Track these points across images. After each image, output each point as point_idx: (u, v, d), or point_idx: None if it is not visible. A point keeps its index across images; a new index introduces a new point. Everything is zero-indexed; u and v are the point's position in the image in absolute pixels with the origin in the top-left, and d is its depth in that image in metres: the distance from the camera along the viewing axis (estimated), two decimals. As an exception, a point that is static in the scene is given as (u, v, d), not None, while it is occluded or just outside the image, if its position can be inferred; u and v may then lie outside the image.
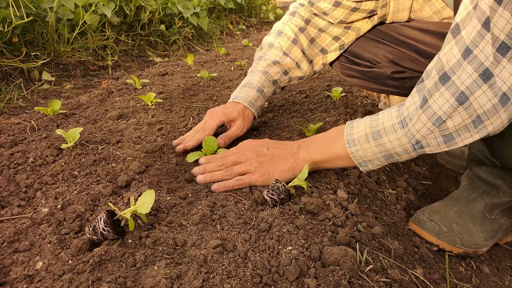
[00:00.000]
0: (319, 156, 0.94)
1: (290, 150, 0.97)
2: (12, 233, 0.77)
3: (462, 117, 0.70)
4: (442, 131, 0.73)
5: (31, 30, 2.03)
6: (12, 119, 1.39)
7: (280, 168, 0.94)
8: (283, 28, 1.27)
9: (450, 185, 1.30)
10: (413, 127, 0.77)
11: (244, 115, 1.21)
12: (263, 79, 1.25)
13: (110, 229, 0.72)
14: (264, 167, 0.94)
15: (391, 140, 0.81)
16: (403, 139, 0.80)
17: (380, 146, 0.83)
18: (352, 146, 0.87)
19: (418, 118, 0.75)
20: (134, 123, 1.32)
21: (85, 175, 0.98)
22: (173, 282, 0.65)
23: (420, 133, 0.76)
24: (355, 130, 0.88)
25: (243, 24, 4.53)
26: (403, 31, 1.17)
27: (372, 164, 0.88)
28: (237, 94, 1.24)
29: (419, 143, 0.78)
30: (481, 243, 0.97)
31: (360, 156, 0.87)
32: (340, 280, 0.67)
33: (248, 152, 0.97)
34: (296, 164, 0.94)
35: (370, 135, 0.84)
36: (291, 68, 1.28)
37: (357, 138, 0.86)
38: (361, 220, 0.88)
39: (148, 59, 2.75)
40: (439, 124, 0.72)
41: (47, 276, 0.66)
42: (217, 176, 0.95)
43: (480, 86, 0.65)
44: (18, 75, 1.89)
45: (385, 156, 0.84)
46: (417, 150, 0.80)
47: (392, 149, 0.82)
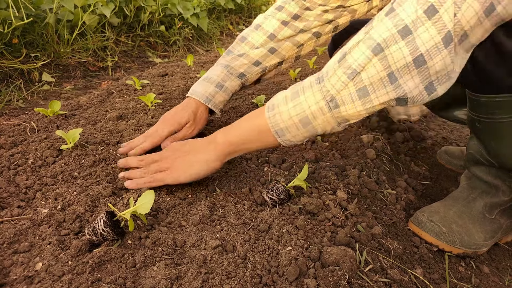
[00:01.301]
0: (236, 138, 0.88)
1: (205, 140, 0.93)
2: (12, 234, 0.77)
3: (376, 68, 0.67)
4: (357, 84, 0.70)
5: (31, 31, 2.04)
6: (12, 120, 1.39)
7: (190, 161, 0.90)
8: (262, 22, 1.21)
9: (450, 185, 1.30)
10: (328, 81, 0.73)
11: (196, 116, 1.17)
12: (224, 73, 1.20)
13: (109, 230, 0.72)
14: (176, 164, 0.91)
15: (307, 97, 0.76)
16: (317, 94, 0.75)
17: (296, 107, 0.78)
18: (270, 111, 0.81)
19: (334, 71, 0.72)
20: (134, 124, 1.32)
21: (85, 176, 0.98)
22: (173, 283, 0.65)
23: (335, 88, 0.72)
24: (277, 96, 0.83)
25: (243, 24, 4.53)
26: None
27: (290, 133, 0.81)
28: (195, 89, 1.20)
29: (333, 100, 0.73)
30: (480, 243, 0.97)
31: (276, 122, 0.80)
32: (339, 280, 0.67)
33: (168, 150, 0.95)
34: (211, 150, 0.90)
35: (289, 96, 0.80)
36: (263, 56, 1.21)
37: (277, 102, 0.81)
38: (361, 220, 0.88)
39: (148, 59, 2.75)
40: (353, 77, 0.70)
41: (46, 277, 0.67)
42: (134, 174, 0.93)
43: (397, 41, 0.64)
44: (18, 76, 1.89)
45: (301, 121, 0.78)
46: (332, 110, 0.75)
47: (307, 109, 0.76)
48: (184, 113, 1.16)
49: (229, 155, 0.91)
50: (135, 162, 0.96)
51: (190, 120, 1.16)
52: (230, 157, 0.92)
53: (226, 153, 0.90)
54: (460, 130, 1.78)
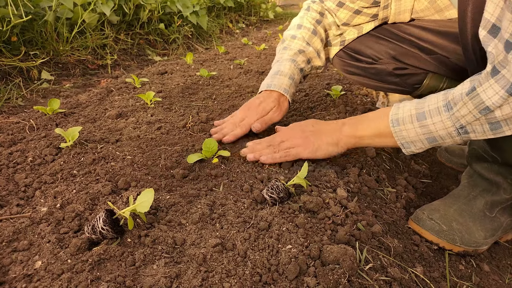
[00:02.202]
0: (362, 132, 0.96)
1: (334, 126, 1.02)
2: (11, 233, 0.77)
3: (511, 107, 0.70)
4: (489, 119, 0.73)
5: (30, 29, 2.03)
6: (11, 118, 1.38)
7: (325, 140, 0.99)
8: (302, 22, 1.32)
9: (450, 183, 1.29)
10: (458, 112, 0.77)
11: (280, 102, 1.26)
12: (293, 67, 1.28)
13: (109, 228, 0.72)
14: (309, 140, 1.00)
15: (435, 122, 0.81)
16: (447, 122, 0.79)
17: (423, 128, 0.83)
18: (396, 126, 0.88)
19: (463, 104, 0.75)
20: (133, 122, 1.32)
21: (84, 174, 0.98)
22: (172, 281, 0.65)
23: (465, 119, 0.76)
24: (400, 110, 0.88)
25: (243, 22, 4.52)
26: (405, 29, 1.17)
27: (415, 146, 0.88)
28: (270, 82, 1.26)
29: (463, 128, 0.78)
30: (481, 241, 0.97)
31: (403, 136, 0.88)
32: (339, 279, 0.66)
33: (293, 130, 1.05)
34: (340, 138, 0.99)
35: (415, 116, 0.84)
36: (313, 57, 1.32)
37: (402, 118, 0.87)
38: (361, 219, 0.88)
39: (148, 58, 2.74)
40: (486, 113, 0.72)
41: (46, 275, 0.66)
42: (266, 151, 1.03)
43: None
44: (17, 74, 1.89)
45: (429, 139, 0.84)
46: (461, 135, 0.79)
47: (435, 132, 0.82)
48: (269, 101, 1.25)
49: (353, 145, 1.01)
50: (264, 146, 1.05)
51: (275, 106, 1.25)
52: (354, 147, 1.03)
53: (351, 144, 1.00)
54: (460, 128, 1.78)
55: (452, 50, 1.11)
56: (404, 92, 1.29)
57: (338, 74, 2.16)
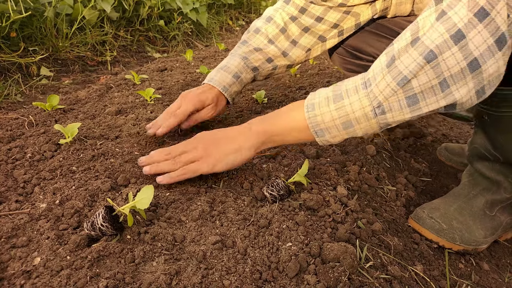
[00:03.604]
0: (272, 127, 0.87)
1: (240, 128, 0.91)
2: (9, 229, 0.76)
3: (428, 76, 0.66)
4: (406, 91, 0.69)
5: (29, 25, 2.02)
6: (10, 114, 1.38)
7: (224, 150, 0.88)
8: (273, 15, 1.23)
9: (450, 182, 1.29)
10: (376, 87, 0.72)
11: (218, 101, 1.21)
12: (241, 65, 1.22)
13: (108, 225, 0.72)
14: (209, 151, 0.88)
15: (352, 102, 0.75)
16: (364, 100, 0.74)
17: (339, 110, 0.77)
18: (310, 111, 0.80)
19: (382, 77, 0.71)
20: (133, 119, 1.32)
21: (84, 171, 0.98)
22: (172, 278, 0.65)
23: (383, 94, 0.71)
24: (316, 95, 0.82)
25: (243, 20, 4.51)
26: (405, 26, 1.16)
27: (330, 134, 0.80)
28: (213, 77, 1.22)
29: (380, 106, 0.73)
30: (481, 240, 0.97)
31: (317, 123, 0.80)
32: (340, 277, 0.66)
33: (196, 140, 0.92)
34: (245, 139, 0.88)
35: (332, 98, 0.78)
36: (276, 56, 1.24)
37: (318, 102, 0.80)
38: (361, 217, 0.88)
39: (147, 54, 2.73)
40: (404, 84, 0.68)
41: (45, 271, 0.66)
42: (163, 166, 0.90)
43: (450, 47, 0.63)
44: (16, 70, 1.88)
45: (344, 124, 0.78)
46: (378, 116, 0.74)
47: (352, 113, 0.76)
48: (208, 94, 1.18)
49: (263, 144, 0.90)
50: (162, 156, 0.92)
51: (213, 103, 1.19)
52: (264, 147, 0.91)
53: (260, 142, 0.89)
54: (460, 127, 1.78)
55: None
56: None
57: (338, 72, 2.15)
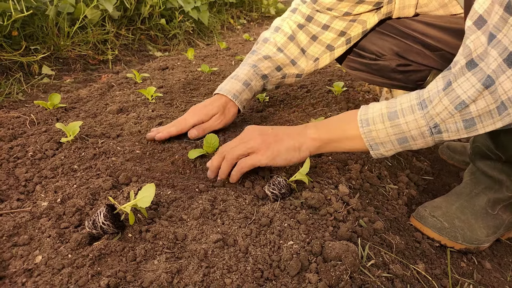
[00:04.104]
0: (327, 135, 0.89)
1: (296, 128, 0.94)
2: (11, 227, 0.76)
3: (486, 101, 0.67)
4: (464, 115, 0.71)
5: (30, 23, 2.02)
6: (12, 112, 1.38)
7: (286, 144, 0.90)
8: (281, 24, 1.26)
9: (452, 181, 1.29)
10: (433, 109, 0.74)
11: (225, 109, 1.22)
12: (251, 73, 1.24)
13: (110, 223, 0.72)
14: (268, 143, 0.90)
15: (408, 121, 0.77)
16: (420, 120, 0.76)
17: (395, 127, 0.79)
18: (365, 126, 0.82)
19: (439, 100, 0.72)
20: (134, 117, 1.32)
21: (85, 169, 0.98)
22: (174, 277, 0.65)
23: (440, 116, 0.73)
24: (370, 110, 0.83)
25: (244, 18, 4.51)
26: (409, 25, 1.16)
27: (384, 148, 0.83)
28: (223, 86, 1.24)
29: (437, 127, 0.74)
30: (483, 239, 0.97)
31: (372, 138, 0.82)
32: (341, 275, 0.66)
33: (250, 132, 0.94)
34: (303, 141, 0.90)
35: (386, 115, 0.80)
36: (285, 64, 1.26)
37: (372, 118, 0.82)
38: (363, 215, 0.88)
39: (149, 53, 2.73)
40: (461, 108, 0.70)
41: (46, 270, 0.66)
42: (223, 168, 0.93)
43: (504, 71, 0.63)
44: (18, 69, 1.88)
45: (399, 140, 0.80)
46: (434, 134, 0.76)
47: (407, 131, 0.78)
48: (213, 106, 1.21)
49: (318, 149, 0.92)
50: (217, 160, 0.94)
51: (219, 112, 1.21)
52: (318, 151, 0.93)
53: (316, 147, 0.91)
54: (462, 126, 1.77)
55: (457, 46, 1.10)
56: (407, 89, 1.28)
57: (340, 70, 2.15)
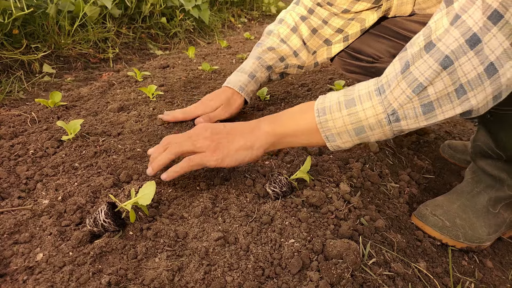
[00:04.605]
0: (283, 128, 0.85)
1: (249, 125, 0.89)
2: (12, 225, 0.76)
3: (445, 83, 0.65)
4: (422, 99, 0.68)
5: (31, 22, 2.02)
6: (13, 111, 1.38)
7: (237, 144, 0.85)
8: (284, 16, 1.29)
9: (453, 180, 1.29)
10: (391, 93, 0.70)
11: (230, 101, 1.26)
12: (256, 64, 1.27)
13: (111, 221, 0.72)
14: (219, 143, 0.85)
15: (365, 108, 0.74)
16: (378, 107, 0.72)
17: (352, 116, 0.75)
18: (321, 116, 0.78)
19: (397, 84, 0.69)
20: (135, 116, 1.31)
21: (86, 167, 0.97)
22: (175, 274, 0.65)
23: (398, 101, 0.70)
24: (327, 99, 0.80)
25: (245, 17, 4.50)
26: (405, 26, 1.16)
27: (341, 139, 0.79)
28: (230, 79, 1.29)
29: (395, 113, 0.71)
30: (484, 237, 0.97)
31: (328, 128, 0.78)
32: (343, 273, 0.66)
33: (200, 130, 0.88)
34: (255, 139, 0.86)
35: (343, 103, 0.76)
36: (288, 55, 1.29)
37: (329, 106, 0.78)
38: (364, 214, 0.88)
39: (149, 51, 2.73)
40: (419, 91, 0.67)
41: (47, 267, 0.66)
42: (161, 158, 0.86)
43: (465, 52, 0.62)
44: (19, 67, 1.88)
45: (356, 129, 0.76)
46: (392, 123, 0.72)
47: (365, 120, 0.74)
48: (220, 98, 1.26)
49: (272, 145, 0.88)
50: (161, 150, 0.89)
51: (223, 104, 1.25)
52: (273, 148, 0.89)
53: (270, 143, 0.87)
54: (463, 124, 1.77)
55: None
56: None
57: (340, 69, 2.14)
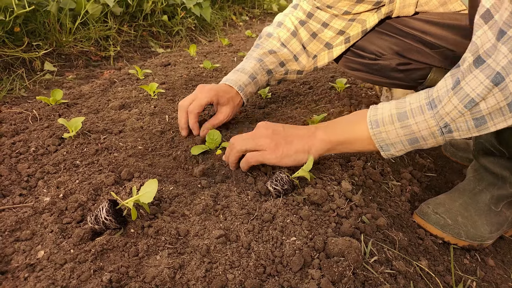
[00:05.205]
0: (337, 137, 0.89)
1: (306, 130, 0.93)
2: (13, 222, 0.76)
3: (497, 99, 0.66)
4: (474, 114, 0.70)
5: (32, 19, 2.02)
6: (14, 108, 1.38)
7: (295, 147, 0.90)
8: (283, 20, 1.26)
9: (455, 178, 1.29)
10: (443, 109, 0.73)
11: (234, 102, 1.22)
12: (257, 67, 1.24)
13: (112, 219, 0.72)
14: (278, 143, 0.90)
15: (418, 122, 0.77)
16: (430, 121, 0.75)
17: (405, 128, 0.78)
18: (375, 128, 0.82)
19: (448, 99, 0.71)
20: (137, 113, 1.31)
21: (87, 165, 0.97)
22: (176, 272, 0.65)
23: (450, 116, 0.72)
24: (379, 111, 0.83)
25: (246, 15, 4.49)
26: (408, 23, 1.15)
27: (395, 149, 0.82)
28: (229, 77, 1.23)
29: (447, 126, 0.74)
30: (486, 235, 0.96)
31: (382, 139, 0.82)
32: (344, 271, 0.66)
33: (262, 130, 0.94)
34: (312, 144, 0.90)
35: (396, 116, 0.80)
36: (288, 60, 1.26)
37: (381, 119, 0.81)
38: (366, 212, 0.87)
39: (151, 49, 2.73)
40: (471, 107, 0.69)
41: (48, 265, 0.66)
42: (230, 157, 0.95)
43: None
44: (20, 65, 1.88)
45: (410, 140, 0.79)
46: (444, 134, 0.75)
47: (418, 132, 0.77)
48: (225, 93, 1.19)
49: (327, 151, 0.92)
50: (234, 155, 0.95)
51: (228, 104, 1.20)
52: (328, 153, 0.93)
53: (325, 149, 0.91)
54: (465, 123, 1.76)
55: (457, 43, 1.10)
56: (407, 87, 1.27)
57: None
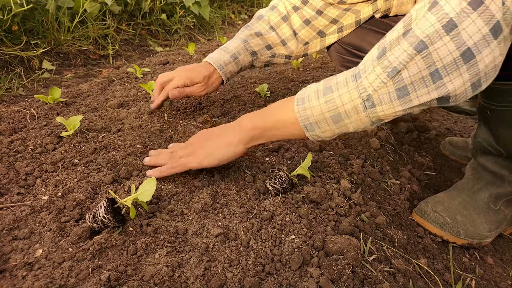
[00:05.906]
0: (262, 122, 0.85)
1: (231, 124, 0.91)
2: (11, 221, 0.76)
3: (419, 66, 0.64)
4: (396, 83, 0.67)
5: (31, 18, 2.01)
6: (12, 107, 1.37)
7: (216, 144, 0.89)
8: (277, 4, 1.25)
9: (453, 176, 1.29)
10: (366, 78, 0.70)
11: (209, 80, 1.23)
12: (241, 47, 1.24)
13: (110, 217, 0.71)
14: (203, 146, 0.90)
15: (341, 94, 0.73)
16: (353, 92, 0.72)
17: (329, 103, 0.75)
18: (300, 104, 0.78)
19: (372, 69, 0.69)
20: (135, 112, 1.31)
21: (86, 163, 0.97)
22: (175, 270, 0.64)
23: (373, 86, 0.69)
24: (307, 89, 0.80)
25: (245, 13, 4.48)
26: None
27: (320, 129, 0.78)
28: (212, 55, 1.25)
29: (370, 98, 0.70)
30: (485, 234, 0.96)
31: (306, 116, 0.78)
32: (343, 270, 0.66)
33: (192, 137, 0.95)
34: (235, 135, 0.88)
35: (322, 91, 0.76)
36: (275, 44, 1.25)
37: (307, 95, 0.78)
38: (365, 210, 0.87)
39: (149, 48, 2.72)
40: (393, 75, 0.66)
41: (47, 263, 0.66)
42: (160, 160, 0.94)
43: (441, 37, 0.61)
44: (18, 63, 1.87)
45: (333, 117, 0.75)
46: (367, 109, 0.72)
47: (341, 106, 0.74)
48: (201, 72, 1.22)
49: (253, 140, 0.88)
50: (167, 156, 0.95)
51: (204, 81, 1.22)
52: (254, 142, 0.89)
53: (250, 138, 0.87)
54: (464, 121, 1.76)
55: None
56: None
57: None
